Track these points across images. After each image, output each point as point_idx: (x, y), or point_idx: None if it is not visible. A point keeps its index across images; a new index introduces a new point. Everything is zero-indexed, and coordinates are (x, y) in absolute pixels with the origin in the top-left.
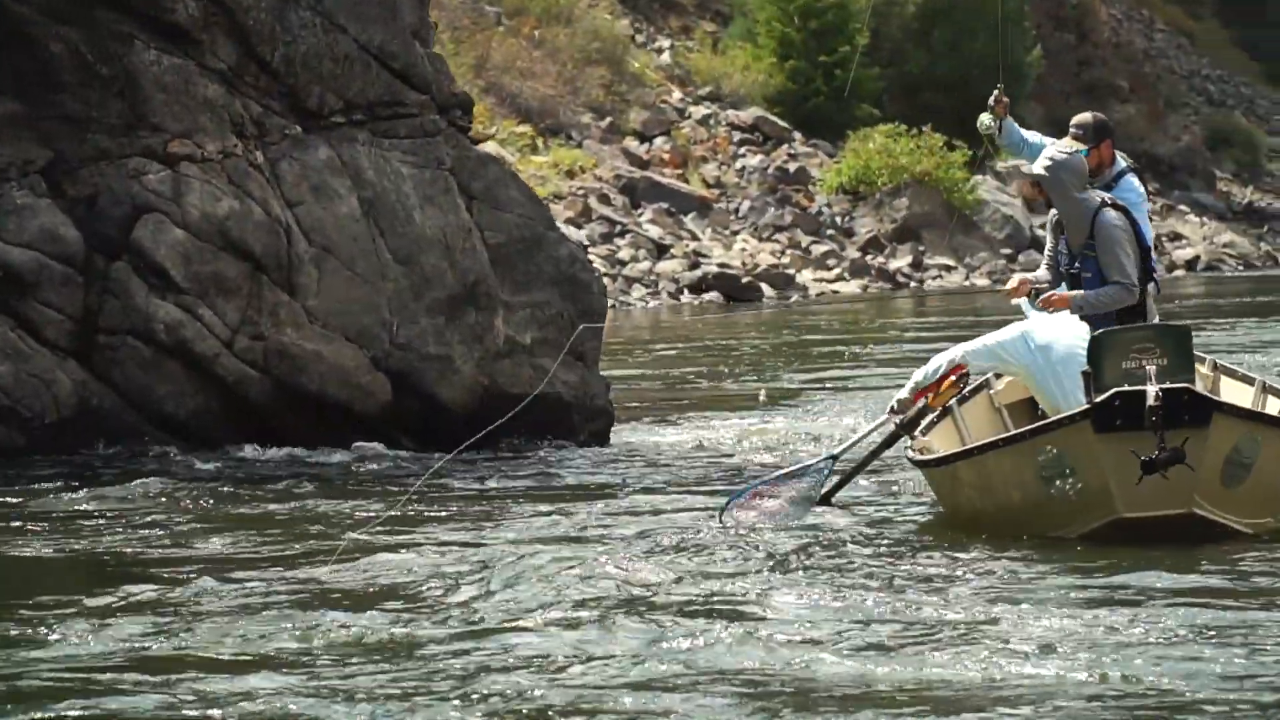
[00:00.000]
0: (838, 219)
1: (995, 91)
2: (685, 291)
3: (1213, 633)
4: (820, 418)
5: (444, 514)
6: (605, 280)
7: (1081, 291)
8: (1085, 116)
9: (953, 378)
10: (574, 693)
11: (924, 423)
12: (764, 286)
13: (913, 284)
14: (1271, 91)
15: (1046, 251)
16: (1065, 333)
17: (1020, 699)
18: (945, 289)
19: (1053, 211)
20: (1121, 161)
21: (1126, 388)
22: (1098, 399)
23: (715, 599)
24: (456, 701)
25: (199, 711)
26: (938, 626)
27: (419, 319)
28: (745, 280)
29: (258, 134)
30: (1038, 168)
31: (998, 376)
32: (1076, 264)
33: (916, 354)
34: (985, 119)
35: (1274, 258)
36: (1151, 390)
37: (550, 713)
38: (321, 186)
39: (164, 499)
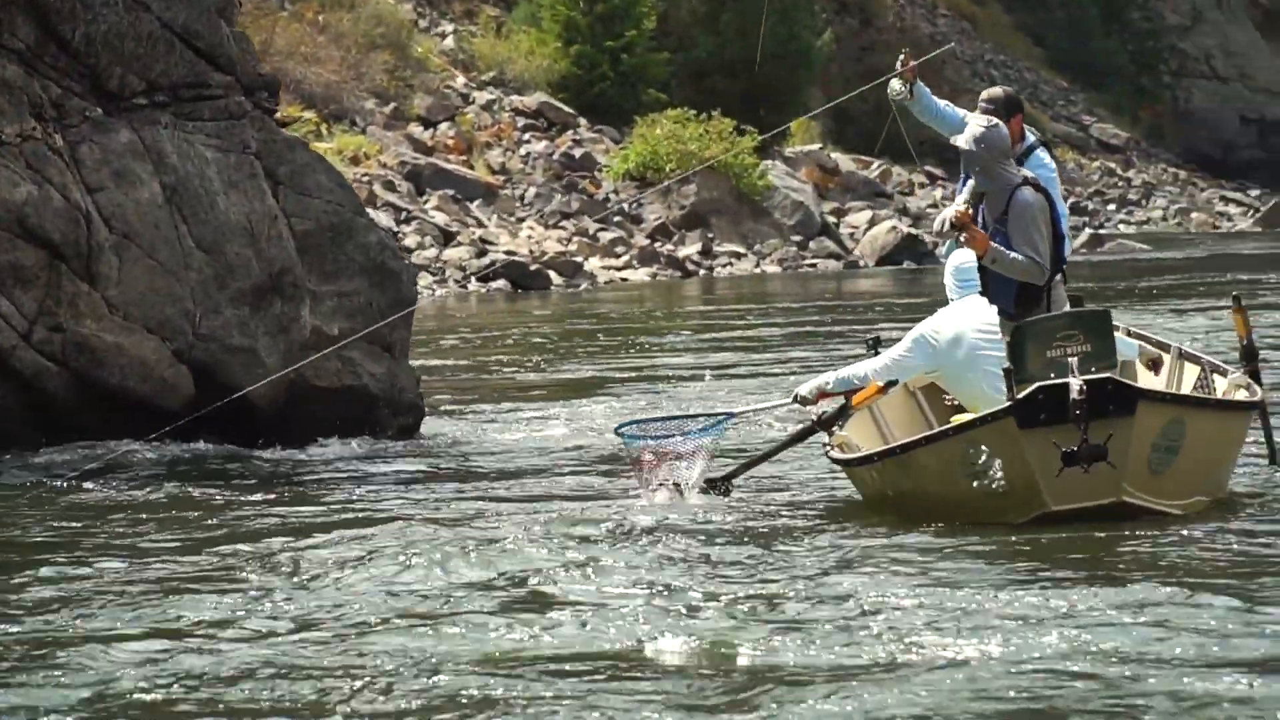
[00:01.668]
0: (625, 206)
1: (902, 55)
2: (472, 280)
3: (1134, 612)
4: (627, 405)
5: (246, 513)
6: None
7: (999, 246)
8: (996, 91)
9: (879, 383)
10: (439, 688)
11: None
12: (552, 274)
13: (702, 271)
14: (1055, 77)
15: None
16: (969, 323)
17: (938, 680)
18: (735, 275)
19: (969, 179)
20: (1031, 136)
21: (1050, 380)
22: (1020, 394)
23: (570, 591)
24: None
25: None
26: (846, 610)
27: (223, 309)
28: (533, 268)
29: (57, 116)
30: (960, 142)
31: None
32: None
33: (710, 343)
34: (896, 85)
35: None
36: (1075, 383)
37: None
38: (123, 171)
39: None
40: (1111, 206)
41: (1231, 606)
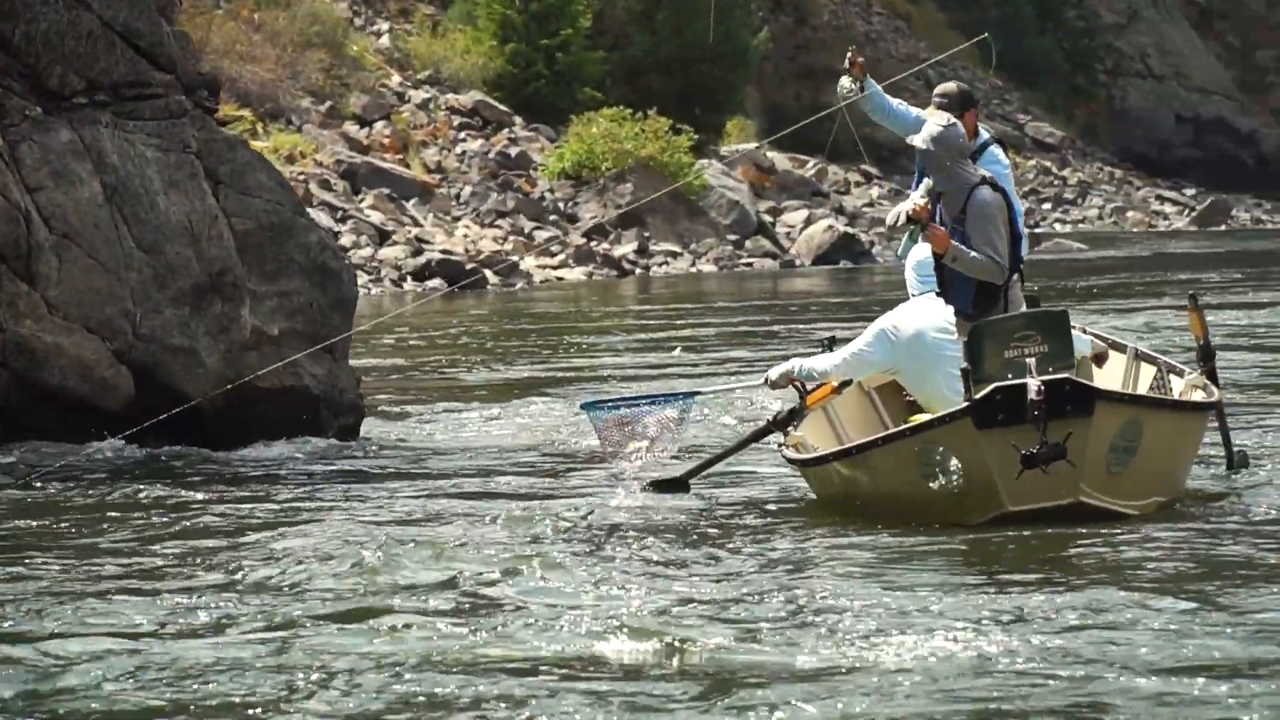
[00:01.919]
0: (561, 204)
1: (849, 52)
2: (408, 279)
3: (1089, 614)
4: (570, 405)
5: (186, 513)
6: None
7: (958, 244)
8: (950, 86)
9: (834, 383)
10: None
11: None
12: (488, 273)
13: (638, 271)
14: (989, 75)
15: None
16: (928, 320)
17: (895, 682)
18: (671, 274)
19: (926, 179)
20: (985, 133)
21: (1008, 381)
22: (978, 394)
23: (528, 591)
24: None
25: None
26: (800, 612)
27: (163, 309)
28: (469, 267)
29: None
30: (918, 141)
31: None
32: None
33: (648, 343)
34: (845, 82)
35: None
36: (1033, 384)
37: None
38: (63, 171)
39: None
40: (1047, 205)
41: (1187, 608)
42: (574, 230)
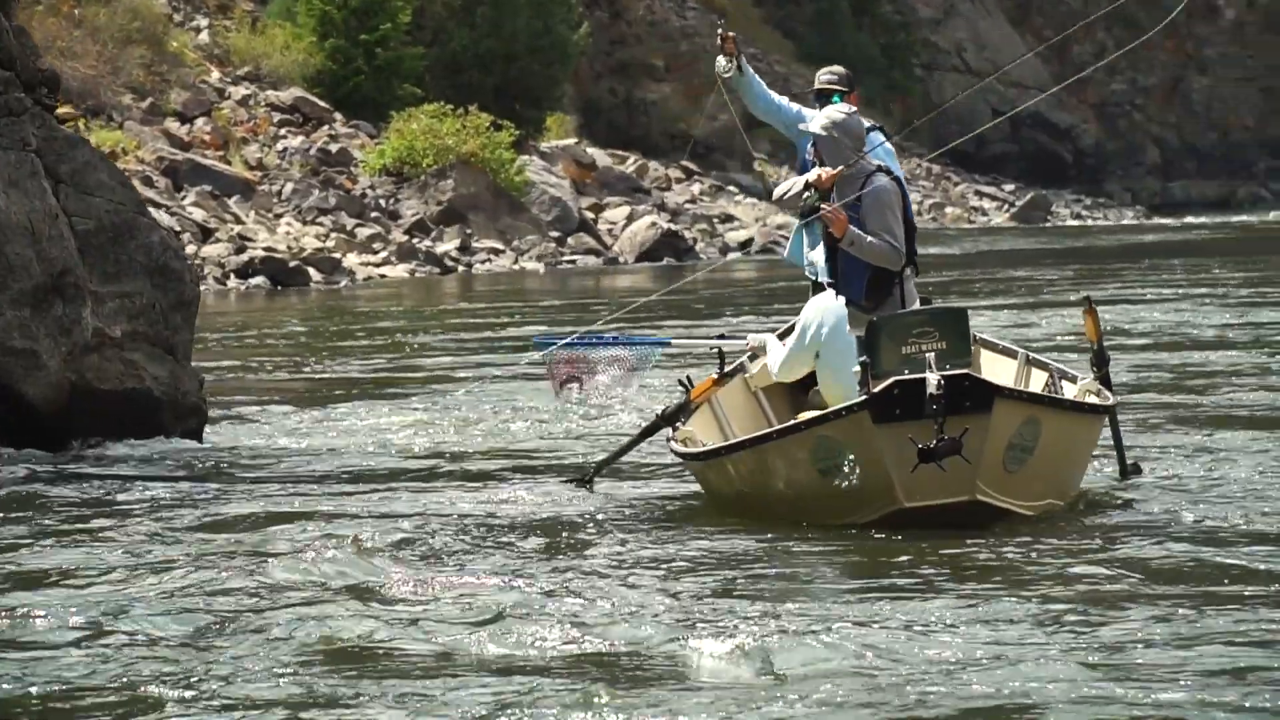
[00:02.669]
0: (382, 201)
1: (718, 30)
2: (232, 276)
3: (978, 617)
4: (410, 408)
5: (23, 515)
6: None
7: (856, 230)
8: (837, 67)
9: (715, 375)
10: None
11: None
12: (311, 271)
13: (460, 268)
14: (806, 70)
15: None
16: (835, 313)
17: (775, 686)
18: (494, 272)
19: (807, 168)
20: (864, 120)
21: (906, 376)
22: (876, 389)
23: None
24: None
25: None
26: (688, 611)
27: (3, 311)
28: (292, 265)
29: None
30: (816, 128)
31: (753, 359)
32: None
33: (481, 343)
34: (721, 61)
35: None
36: (932, 379)
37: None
38: None
39: None
40: None
41: (1081, 614)
42: (396, 227)
